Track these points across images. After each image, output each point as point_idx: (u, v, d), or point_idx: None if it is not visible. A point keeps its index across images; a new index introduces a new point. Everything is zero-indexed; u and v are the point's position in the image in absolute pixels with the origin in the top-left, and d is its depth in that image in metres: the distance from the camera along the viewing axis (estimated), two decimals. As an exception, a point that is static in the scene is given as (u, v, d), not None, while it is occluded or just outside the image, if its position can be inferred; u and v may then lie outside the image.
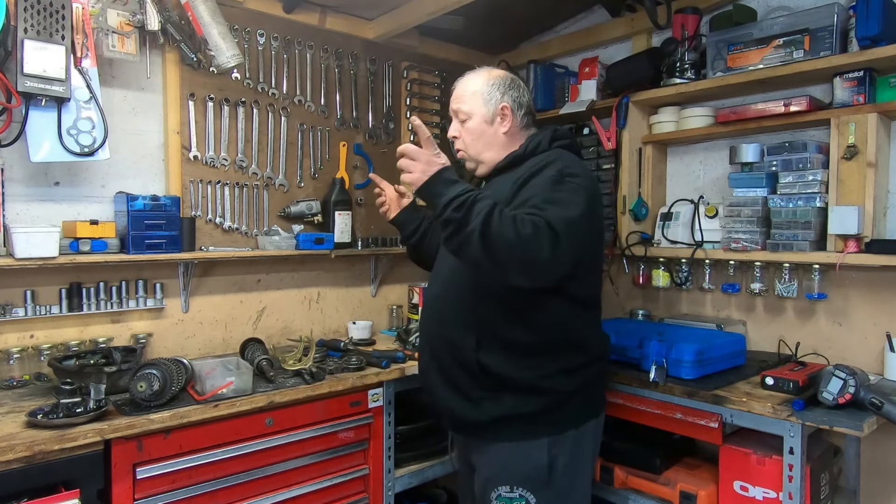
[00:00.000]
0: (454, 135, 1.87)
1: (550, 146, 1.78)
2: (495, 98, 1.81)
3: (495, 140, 1.83)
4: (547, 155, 1.74)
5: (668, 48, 2.54)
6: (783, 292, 2.31)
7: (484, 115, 1.81)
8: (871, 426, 1.72)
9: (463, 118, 1.84)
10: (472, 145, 1.84)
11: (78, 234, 2.05)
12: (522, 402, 1.67)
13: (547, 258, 1.44)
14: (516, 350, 1.67)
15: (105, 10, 2.08)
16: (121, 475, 1.72)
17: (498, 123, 1.82)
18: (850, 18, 2.10)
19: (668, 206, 2.67)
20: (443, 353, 1.76)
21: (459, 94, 1.86)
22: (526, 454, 1.67)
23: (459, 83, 1.88)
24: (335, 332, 2.91)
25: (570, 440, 1.70)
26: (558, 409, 1.68)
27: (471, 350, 1.68)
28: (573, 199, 1.56)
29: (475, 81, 1.84)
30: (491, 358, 1.67)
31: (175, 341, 2.45)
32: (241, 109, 2.56)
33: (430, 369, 1.82)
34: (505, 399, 1.67)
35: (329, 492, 2.18)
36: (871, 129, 2.03)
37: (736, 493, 1.97)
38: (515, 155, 1.80)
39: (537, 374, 1.66)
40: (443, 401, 1.78)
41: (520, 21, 3.05)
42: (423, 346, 1.87)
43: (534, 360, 1.67)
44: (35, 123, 1.95)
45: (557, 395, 1.68)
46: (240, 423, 1.94)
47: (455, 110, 1.86)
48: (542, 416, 1.67)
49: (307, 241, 2.58)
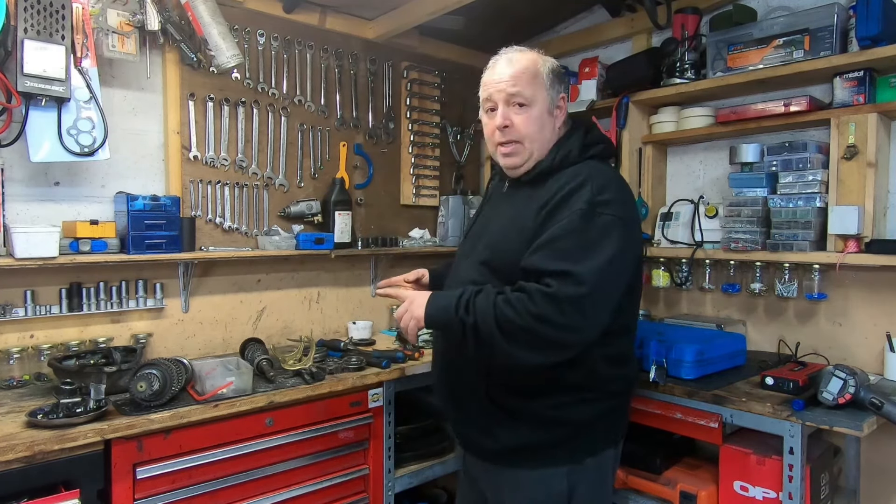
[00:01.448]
0: (505, 122, 1.56)
1: (581, 157, 1.57)
2: (556, 87, 1.58)
3: (552, 136, 1.60)
4: (576, 171, 1.53)
5: (668, 48, 2.54)
6: (783, 292, 2.31)
7: (547, 104, 1.57)
8: (871, 426, 1.72)
9: (523, 102, 1.55)
10: (533, 136, 1.56)
11: (78, 234, 2.05)
12: (539, 432, 1.55)
13: (579, 326, 1.38)
14: (527, 381, 1.54)
15: (105, 10, 2.08)
16: (121, 475, 1.71)
17: (556, 115, 1.60)
18: (850, 18, 2.10)
19: (668, 206, 2.67)
20: (454, 376, 1.67)
21: (516, 73, 1.55)
22: (543, 483, 1.56)
23: (508, 61, 1.58)
24: (335, 332, 2.91)
25: (589, 469, 1.58)
26: (577, 439, 1.56)
27: (481, 380, 1.57)
28: (603, 238, 1.42)
29: (533, 62, 1.57)
30: (500, 389, 1.56)
31: (175, 341, 2.45)
32: (241, 109, 2.55)
33: (440, 386, 1.74)
34: (521, 429, 1.56)
35: (329, 492, 2.18)
36: (871, 129, 2.03)
37: (736, 493, 1.97)
38: (541, 169, 1.57)
39: (550, 405, 1.54)
40: (455, 425, 1.72)
41: (520, 21, 3.05)
42: (436, 356, 1.77)
43: (547, 391, 1.54)
44: (35, 123, 1.95)
45: (573, 426, 1.55)
46: (240, 423, 1.94)
47: (511, 93, 1.55)
48: (561, 445, 1.55)
49: (307, 241, 2.58)
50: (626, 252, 1.46)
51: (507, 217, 1.63)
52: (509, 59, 1.59)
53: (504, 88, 1.56)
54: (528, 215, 1.53)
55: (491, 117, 1.60)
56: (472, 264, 1.65)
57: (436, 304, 1.50)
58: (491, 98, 1.59)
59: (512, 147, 1.59)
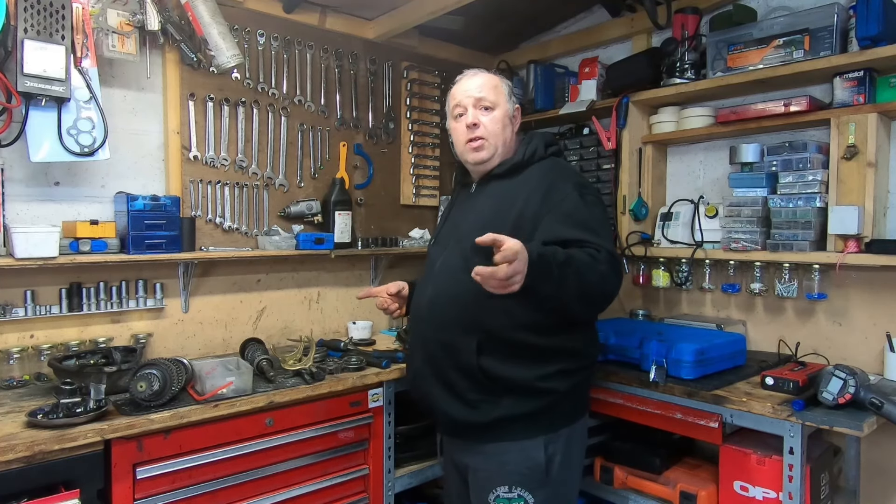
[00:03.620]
0: (474, 121, 1.80)
1: (546, 153, 1.83)
2: (513, 98, 1.86)
3: (510, 139, 1.84)
4: (551, 163, 1.81)
5: (668, 48, 2.54)
6: (783, 292, 2.31)
7: (507, 111, 1.83)
8: (871, 426, 1.72)
9: (489, 105, 1.80)
10: (497, 134, 1.80)
11: (78, 234, 2.05)
12: (521, 403, 1.68)
13: (618, 287, 1.63)
14: (518, 353, 1.67)
15: (105, 10, 2.08)
16: (121, 475, 1.71)
17: (512, 123, 1.85)
18: (850, 18, 2.10)
19: (668, 206, 2.67)
20: (439, 356, 1.75)
21: (482, 84, 1.82)
22: (524, 453, 1.69)
23: (475, 75, 1.85)
24: (335, 332, 2.91)
25: (563, 438, 1.72)
26: (554, 409, 1.71)
27: (472, 354, 1.67)
28: (599, 214, 1.72)
29: (494, 78, 1.85)
30: (492, 361, 1.67)
31: (175, 341, 2.45)
32: (241, 109, 2.56)
33: (423, 373, 1.81)
34: (503, 401, 1.69)
35: (329, 492, 2.18)
36: (871, 129, 2.03)
37: (736, 493, 1.97)
38: (515, 162, 1.81)
39: (537, 376, 1.68)
40: (438, 404, 1.78)
41: (520, 21, 3.05)
42: (416, 349, 1.86)
43: (535, 362, 1.68)
44: (35, 123, 1.95)
45: (554, 396, 1.70)
46: (240, 423, 1.94)
47: (479, 98, 1.80)
48: (540, 416, 1.69)
49: (307, 241, 2.58)
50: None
51: (487, 207, 1.80)
52: (474, 73, 1.86)
53: (473, 94, 1.81)
54: (515, 199, 1.72)
55: (460, 122, 1.84)
56: (452, 256, 1.78)
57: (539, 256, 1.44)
58: (461, 104, 1.83)
59: (480, 143, 1.81)
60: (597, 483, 2.32)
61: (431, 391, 1.79)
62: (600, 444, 2.36)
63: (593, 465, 2.33)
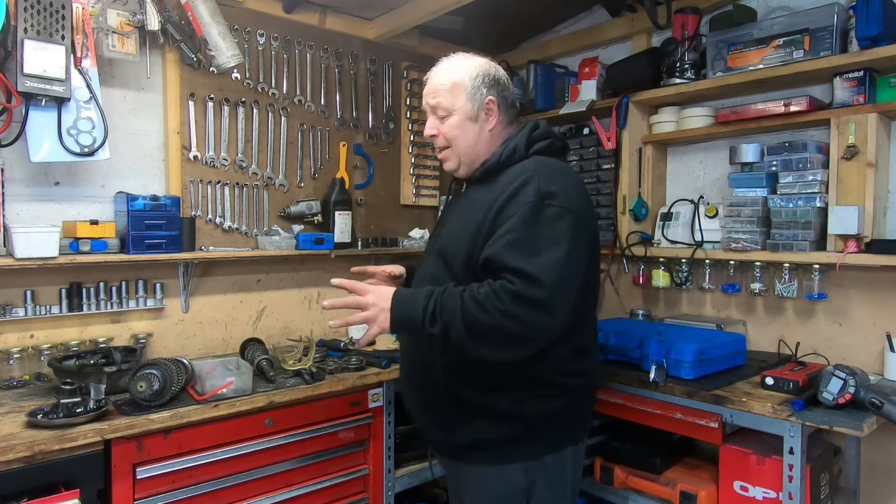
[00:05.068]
0: (432, 132, 1.68)
1: (528, 152, 1.61)
2: (481, 93, 1.62)
3: (480, 138, 1.65)
4: (523, 167, 1.57)
5: (668, 48, 2.54)
6: (783, 292, 2.31)
7: (468, 112, 1.63)
8: (871, 426, 1.72)
9: (442, 115, 1.64)
10: (457, 141, 1.65)
11: (78, 234, 2.05)
12: (495, 428, 1.57)
13: (547, 322, 1.40)
14: (485, 378, 1.56)
15: (105, 10, 2.08)
16: (121, 475, 1.71)
17: (483, 120, 1.64)
18: (850, 18, 2.10)
19: (668, 206, 2.67)
20: (416, 374, 1.70)
21: (436, 86, 1.65)
22: (501, 478, 1.59)
23: (435, 73, 1.67)
24: (335, 332, 2.91)
25: (548, 465, 1.60)
26: (533, 434, 1.58)
27: (440, 373, 1.59)
28: (554, 231, 1.45)
29: (455, 72, 1.64)
30: (459, 384, 1.58)
31: (175, 341, 2.45)
32: (241, 109, 2.56)
33: (406, 388, 1.79)
34: (478, 424, 1.58)
35: (329, 492, 2.18)
36: (871, 129, 2.03)
37: (736, 493, 1.97)
38: (489, 165, 1.63)
39: (509, 400, 1.56)
40: (420, 422, 1.75)
41: (520, 21, 3.05)
42: (403, 362, 1.82)
43: (502, 387, 1.56)
44: (35, 123, 1.95)
45: (532, 420, 1.57)
46: (240, 423, 1.94)
47: (433, 106, 1.65)
48: (519, 441, 1.58)
49: (307, 241, 2.58)
50: (578, 242, 1.48)
51: (461, 212, 1.68)
52: (434, 71, 1.68)
53: (428, 101, 1.68)
54: (479, 210, 1.56)
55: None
56: (432, 257, 1.71)
57: (401, 312, 1.47)
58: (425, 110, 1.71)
59: (443, 153, 1.70)
60: (597, 483, 2.32)
61: (414, 407, 1.76)
62: (600, 444, 2.36)
63: (593, 465, 2.33)
